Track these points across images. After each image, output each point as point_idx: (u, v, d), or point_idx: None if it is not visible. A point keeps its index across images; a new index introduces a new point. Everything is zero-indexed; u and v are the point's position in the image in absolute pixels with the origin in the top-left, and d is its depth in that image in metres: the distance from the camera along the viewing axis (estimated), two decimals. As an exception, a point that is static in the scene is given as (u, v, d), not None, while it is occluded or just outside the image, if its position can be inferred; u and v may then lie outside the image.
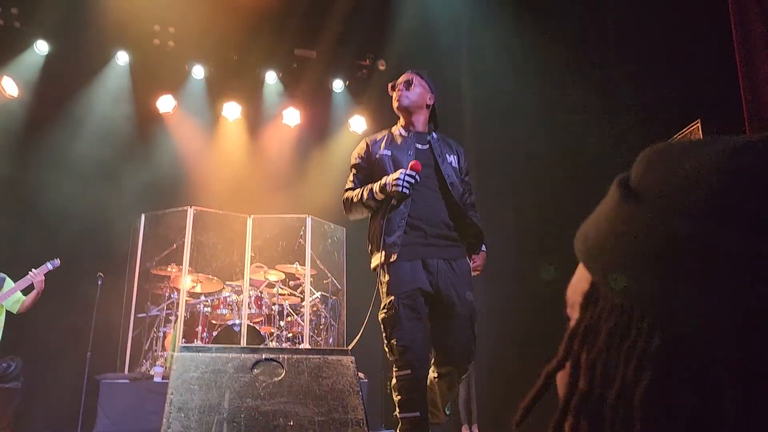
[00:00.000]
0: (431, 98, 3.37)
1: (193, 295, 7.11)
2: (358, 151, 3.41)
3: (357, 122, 8.70)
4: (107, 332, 6.90)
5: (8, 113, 7.56)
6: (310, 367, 2.97)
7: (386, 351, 3.10)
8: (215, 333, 6.61)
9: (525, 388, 0.59)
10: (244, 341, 6.41)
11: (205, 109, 8.45)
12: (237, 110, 8.45)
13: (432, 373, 3.20)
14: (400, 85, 3.32)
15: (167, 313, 6.85)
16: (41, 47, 7.60)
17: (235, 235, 7.27)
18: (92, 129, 7.77)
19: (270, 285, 7.23)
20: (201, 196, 7.84)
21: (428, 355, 3.13)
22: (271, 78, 8.52)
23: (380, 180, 3.11)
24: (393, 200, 3.07)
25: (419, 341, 2.96)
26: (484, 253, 3.29)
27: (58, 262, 5.36)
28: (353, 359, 3.05)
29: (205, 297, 7.00)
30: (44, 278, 5.22)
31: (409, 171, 3.01)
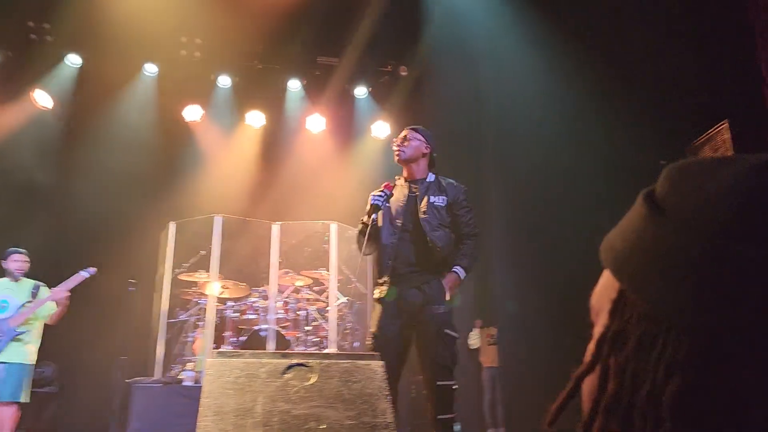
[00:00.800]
0: (427, 148, 3.86)
1: (220, 300, 7.23)
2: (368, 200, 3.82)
3: (380, 128, 8.77)
4: (139, 337, 7.07)
5: (42, 125, 7.81)
6: (339, 371, 3.03)
7: None
8: (243, 338, 6.72)
9: (549, 390, 0.63)
10: (270, 346, 6.50)
11: (230, 117, 8.61)
12: (262, 118, 8.58)
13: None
14: (397, 142, 3.84)
15: (196, 319, 6.97)
16: (73, 60, 7.84)
17: (261, 242, 7.39)
18: (122, 139, 7.97)
19: (296, 290, 7.32)
20: (228, 203, 7.98)
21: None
22: (294, 86, 8.64)
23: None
24: (374, 216, 3.66)
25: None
26: (452, 274, 3.67)
27: (93, 270, 5.46)
28: (382, 364, 3.10)
29: (233, 302, 7.11)
30: (69, 293, 5.29)
31: (379, 191, 3.74)
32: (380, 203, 3.67)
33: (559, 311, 5.70)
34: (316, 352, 4.62)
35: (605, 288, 0.60)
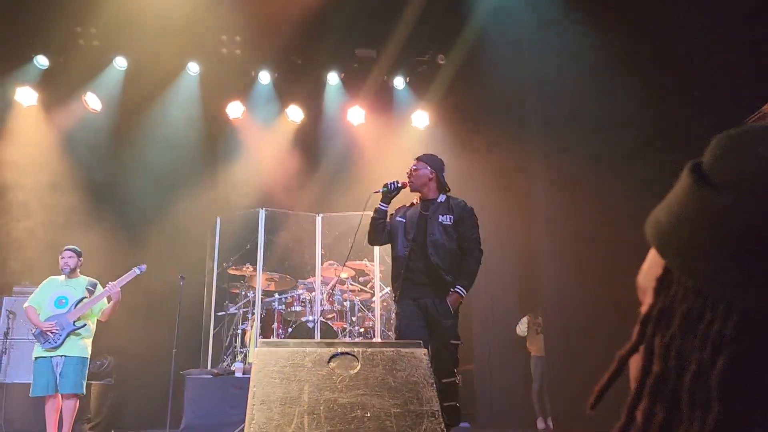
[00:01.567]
0: (432, 173, 4.34)
1: (267, 293, 7.37)
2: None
3: (419, 118, 8.75)
4: (190, 330, 7.28)
5: (93, 127, 8.09)
6: (384, 360, 3.05)
7: None
8: (290, 329, 6.84)
9: (596, 379, 0.61)
10: (317, 337, 6.59)
11: (271, 112, 8.73)
12: (302, 112, 8.67)
13: None
14: (409, 173, 4.39)
15: (244, 311, 7.13)
16: (120, 63, 8.07)
17: (305, 234, 7.48)
18: (168, 137, 8.19)
19: (341, 282, 7.40)
20: (271, 197, 8.12)
21: None
22: (333, 79, 8.68)
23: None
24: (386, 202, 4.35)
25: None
26: (454, 294, 4.10)
27: (144, 267, 5.65)
28: (426, 351, 3.12)
29: (279, 295, 7.24)
30: (120, 290, 5.48)
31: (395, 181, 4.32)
32: (389, 185, 4.27)
33: (604, 300, 5.60)
34: (360, 341, 4.66)
35: (651, 266, 0.58)
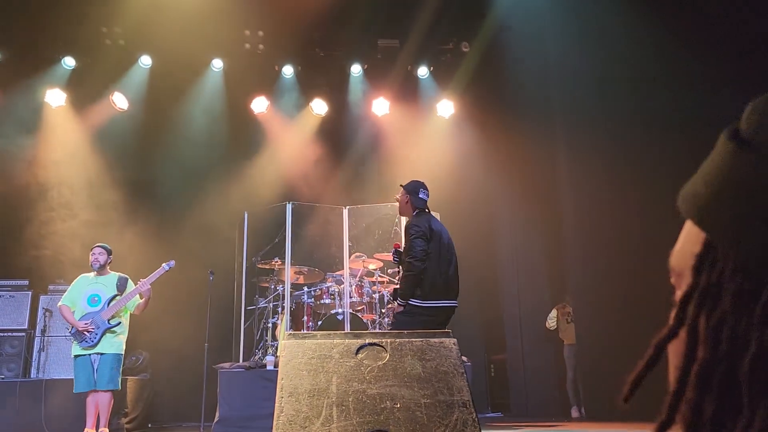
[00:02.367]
0: (406, 196, 4.85)
1: (296, 286, 7.39)
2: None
3: (444, 107, 8.66)
4: (221, 324, 7.35)
5: (121, 125, 8.20)
6: (412, 350, 3.01)
7: None
8: (320, 322, 6.85)
9: (629, 367, 0.55)
10: (347, 329, 6.59)
11: (296, 106, 8.74)
12: (326, 105, 8.66)
13: None
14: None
15: (274, 305, 7.16)
16: (145, 61, 8.15)
17: (332, 227, 7.48)
18: (194, 133, 8.26)
19: (369, 273, 7.38)
20: (298, 190, 8.13)
21: None
22: (356, 70, 8.64)
23: None
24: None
25: None
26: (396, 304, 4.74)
27: (173, 263, 5.70)
28: (455, 341, 3.06)
29: (308, 288, 7.25)
30: (150, 287, 5.54)
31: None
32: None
33: (637, 288, 5.48)
34: (388, 331, 4.62)
35: (687, 243, 0.53)
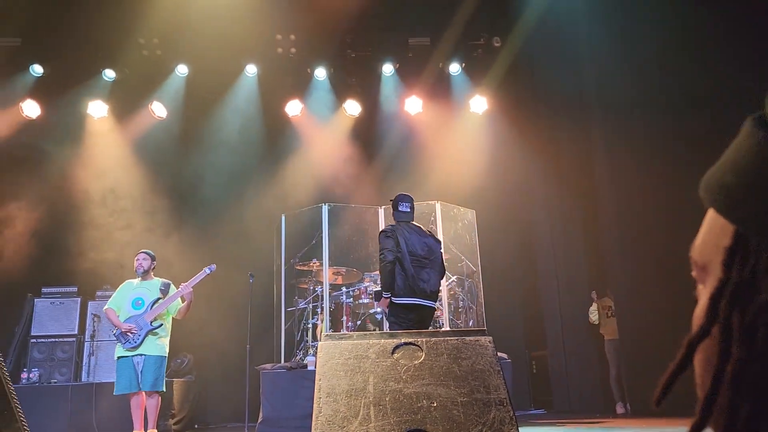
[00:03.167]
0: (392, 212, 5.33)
1: (335, 287, 7.45)
2: None
3: (477, 103, 8.59)
4: (263, 326, 7.46)
5: (160, 133, 8.42)
6: (448, 348, 3.01)
7: None
8: (359, 322, 6.89)
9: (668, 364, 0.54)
10: (386, 328, 6.61)
11: (329, 108, 8.81)
12: (358, 106, 8.70)
13: None
14: None
15: (314, 306, 7.24)
16: (181, 70, 8.34)
17: (369, 227, 7.51)
18: (231, 138, 8.42)
19: (406, 272, 7.38)
20: (334, 191, 8.20)
21: None
22: (388, 70, 8.65)
23: None
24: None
25: None
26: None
27: (214, 266, 5.81)
28: (491, 339, 3.04)
29: (347, 288, 7.30)
30: (192, 290, 5.66)
31: None
32: None
33: (678, 284, 5.33)
34: (424, 330, 4.62)
35: (711, 235, 0.51)
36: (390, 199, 5.42)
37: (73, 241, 7.75)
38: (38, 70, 8.13)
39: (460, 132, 8.69)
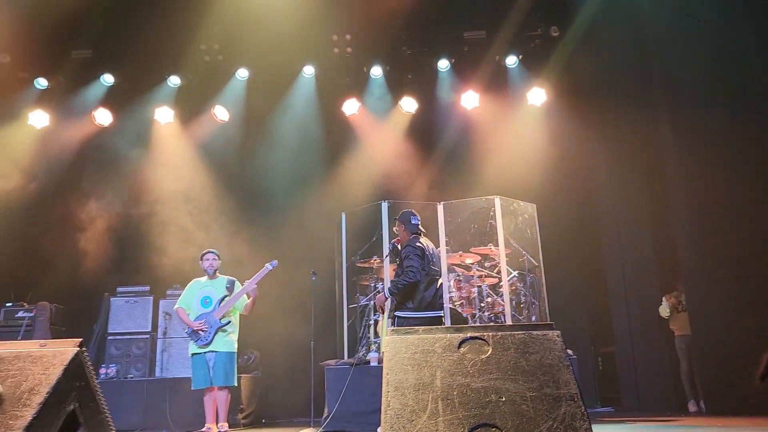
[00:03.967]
0: (402, 227, 5.55)
1: (395, 283, 7.48)
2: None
3: (536, 95, 8.44)
4: (325, 323, 7.58)
5: (223, 136, 8.68)
6: (515, 343, 2.98)
7: None
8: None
9: (749, 356, 0.52)
10: (447, 324, 6.59)
11: (385, 105, 8.85)
12: (415, 102, 8.70)
13: None
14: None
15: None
16: (241, 74, 8.57)
17: (428, 223, 7.50)
18: (290, 139, 8.61)
19: (466, 268, 7.35)
20: (392, 188, 8.24)
21: None
22: (443, 65, 8.62)
23: None
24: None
25: None
26: (381, 294, 5.58)
27: (276, 263, 5.95)
28: (559, 333, 2.99)
29: (407, 284, 7.31)
30: (257, 286, 5.81)
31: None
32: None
33: (751, 282, 5.12)
34: (489, 325, 4.60)
35: None
36: (395, 218, 5.76)
37: (144, 242, 8.09)
38: (109, 79, 8.54)
39: (518, 125, 8.56)
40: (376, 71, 8.67)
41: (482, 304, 7.06)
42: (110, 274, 8.25)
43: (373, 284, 7.45)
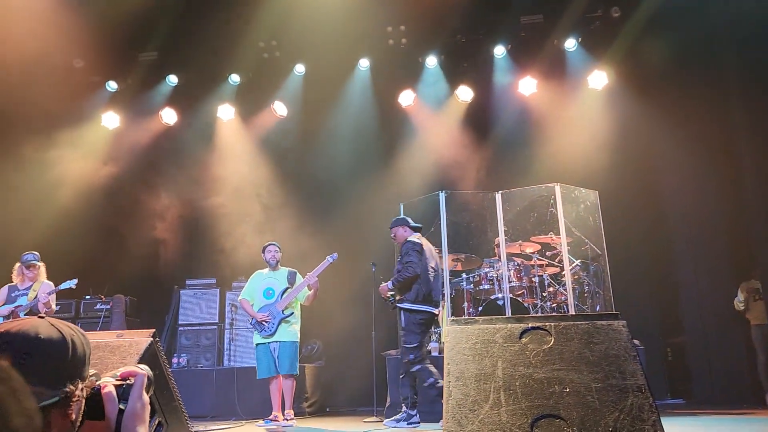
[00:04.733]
0: (400, 230, 5.89)
1: (454, 273, 7.47)
2: None
3: (596, 78, 8.20)
4: (386, 313, 7.63)
5: (282, 131, 8.86)
6: (579, 333, 2.94)
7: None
8: (480, 308, 6.87)
9: None
10: (508, 314, 6.53)
11: (441, 95, 8.80)
12: (471, 91, 8.61)
13: None
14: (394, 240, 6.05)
15: (434, 293, 7.30)
16: (299, 69, 8.71)
17: (486, 212, 7.44)
18: (348, 131, 8.69)
19: (527, 257, 7.25)
20: (450, 178, 8.21)
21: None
22: (499, 52, 8.48)
23: None
24: None
25: None
26: (384, 285, 5.73)
27: (336, 255, 6.06)
28: (624, 323, 2.93)
29: (467, 275, 7.30)
30: (318, 279, 5.93)
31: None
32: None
33: None
34: (551, 315, 4.53)
35: None
36: (393, 220, 5.98)
37: (211, 236, 8.37)
38: (173, 80, 8.85)
39: (578, 110, 8.34)
40: (431, 61, 8.63)
41: (544, 294, 6.96)
42: (179, 268, 8.60)
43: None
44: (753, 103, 6.41)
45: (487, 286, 7.06)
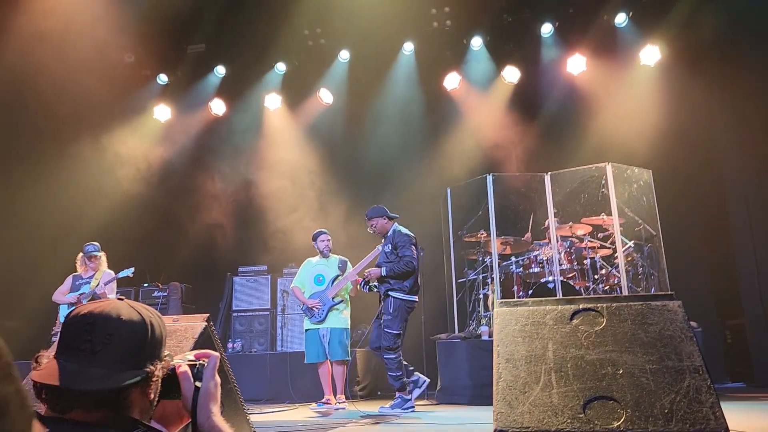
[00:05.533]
0: (380, 221, 5.87)
1: (504, 257, 7.40)
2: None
3: (649, 54, 7.91)
4: (435, 298, 7.66)
5: (329, 118, 8.93)
6: (632, 314, 2.88)
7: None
8: (530, 291, 6.79)
9: None
10: (559, 296, 6.44)
11: (487, 77, 8.67)
12: (518, 71, 8.45)
13: None
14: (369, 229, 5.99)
15: (483, 276, 7.26)
16: (344, 56, 8.74)
17: (535, 194, 7.33)
18: (393, 116, 8.68)
19: (578, 239, 7.12)
20: (497, 161, 8.11)
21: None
22: (546, 30, 8.29)
23: None
24: None
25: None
26: (376, 269, 5.73)
27: (381, 247, 6.09)
28: (680, 303, 2.85)
29: (516, 258, 7.22)
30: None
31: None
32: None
33: None
34: (602, 296, 4.45)
35: None
36: (370, 209, 5.95)
37: (262, 224, 8.53)
38: (221, 71, 9.02)
39: (629, 87, 8.08)
40: (477, 42, 8.51)
41: (596, 277, 6.83)
42: (232, 255, 8.81)
43: (480, 258, 7.41)
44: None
45: (537, 269, 6.97)
